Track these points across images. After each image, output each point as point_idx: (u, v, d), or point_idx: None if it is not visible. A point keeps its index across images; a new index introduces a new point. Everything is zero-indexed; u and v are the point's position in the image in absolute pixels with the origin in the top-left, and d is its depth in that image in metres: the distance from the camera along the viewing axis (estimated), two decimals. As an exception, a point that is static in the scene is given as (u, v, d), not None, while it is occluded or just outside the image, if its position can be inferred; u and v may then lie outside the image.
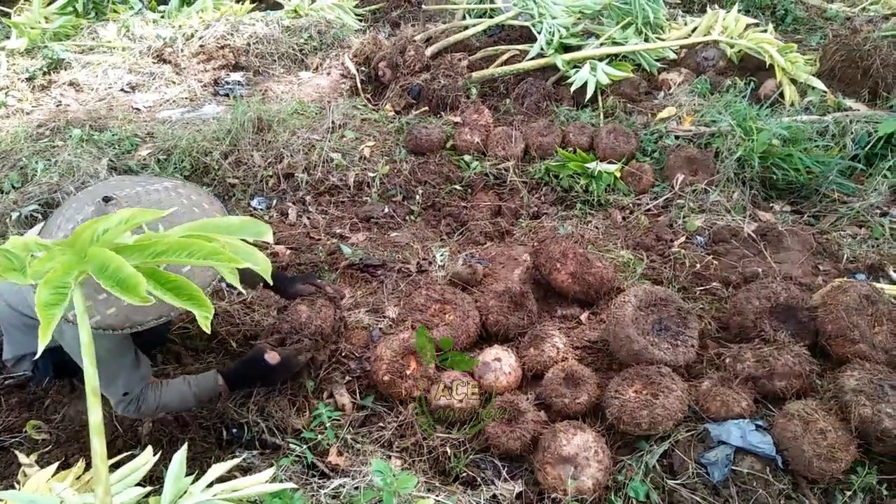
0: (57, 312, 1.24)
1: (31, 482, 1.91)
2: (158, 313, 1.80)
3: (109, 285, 1.26)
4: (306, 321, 2.51)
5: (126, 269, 1.27)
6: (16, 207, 3.35)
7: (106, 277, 1.27)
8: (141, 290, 1.24)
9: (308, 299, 2.60)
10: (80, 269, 1.31)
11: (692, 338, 2.49)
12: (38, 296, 1.23)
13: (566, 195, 3.78)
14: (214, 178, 3.82)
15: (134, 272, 1.26)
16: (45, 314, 1.22)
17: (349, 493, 1.99)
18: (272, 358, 2.31)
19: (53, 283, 1.26)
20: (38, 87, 4.87)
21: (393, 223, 3.63)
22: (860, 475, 2.07)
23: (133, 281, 1.25)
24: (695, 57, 4.75)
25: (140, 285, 1.25)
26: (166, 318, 1.83)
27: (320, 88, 4.84)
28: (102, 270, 1.28)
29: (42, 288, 1.25)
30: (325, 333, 2.55)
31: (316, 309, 2.56)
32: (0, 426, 2.39)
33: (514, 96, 4.56)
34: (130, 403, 2.10)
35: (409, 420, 2.39)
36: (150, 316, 1.80)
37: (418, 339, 2.37)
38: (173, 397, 2.19)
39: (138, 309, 1.77)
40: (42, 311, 1.22)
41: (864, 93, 4.32)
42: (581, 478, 2.11)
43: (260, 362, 2.32)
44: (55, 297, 1.25)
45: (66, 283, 1.27)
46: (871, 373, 2.20)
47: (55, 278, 1.27)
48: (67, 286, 1.27)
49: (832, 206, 3.58)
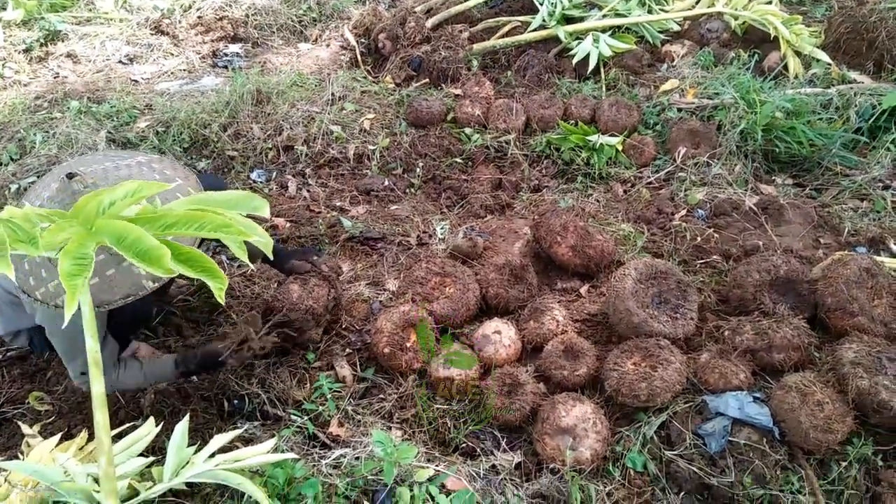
0: (80, 282, 1.24)
1: (35, 452, 1.93)
2: (126, 292, 1.78)
3: (130, 255, 1.26)
4: (297, 301, 2.50)
5: (148, 241, 1.27)
6: (14, 179, 3.34)
7: (125, 248, 1.28)
8: (165, 262, 1.25)
9: (301, 278, 2.59)
10: (97, 241, 1.31)
11: (691, 311, 2.49)
12: (61, 267, 1.24)
13: (567, 168, 3.76)
14: (214, 151, 3.80)
15: (157, 244, 1.27)
16: (70, 284, 1.23)
17: (350, 464, 2.01)
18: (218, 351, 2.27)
19: (73, 254, 1.27)
20: (35, 58, 4.82)
21: (393, 196, 3.62)
22: (856, 446, 2.10)
23: (157, 253, 1.26)
24: (698, 29, 4.69)
25: (164, 257, 1.25)
26: (133, 297, 1.79)
27: (320, 60, 4.79)
28: (120, 241, 1.29)
29: (63, 259, 1.25)
30: (317, 314, 2.54)
31: (308, 289, 2.55)
32: (3, 397, 2.41)
33: (516, 68, 4.51)
34: (86, 382, 2.11)
35: (409, 392, 2.41)
36: (118, 295, 1.78)
37: (419, 332, 2.37)
38: (127, 382, 2.18)
39: (105, 288, 1.76)
40: (66, 281, 1.23)
41: (869, 65, 4.27)
42: (579, 448, 2.13)
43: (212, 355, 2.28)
44: (77, 268, 1.25)
45: (85, 254, 1.28)
46: (870, 345, 2.21)
47: (74, 249, 1.28)
48: (88, 256, 1.27)
49: (834, 180, 3.56)
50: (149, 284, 1.80)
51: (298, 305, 2.49)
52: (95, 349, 1.38)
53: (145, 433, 1.95)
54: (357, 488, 1.93)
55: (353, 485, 1.94)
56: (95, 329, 1.36)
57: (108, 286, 1.77)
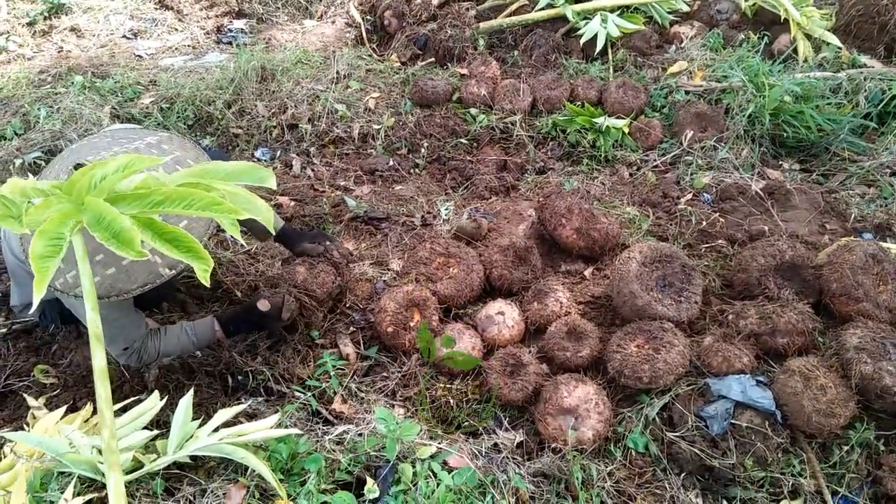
0: (52, 265, 1.20)
1: (40, 424, 1.95)
2: (144, 281, 1.78)
3: (105, 238, 1.23)
4: (301, 283, 2.50)
5: (121, 222, 1.23)
6: (19, 154, 3.33)
7: (101, 229, 1.24)
8: (136, 244, 1.21)
9: (309, 262, 2.59)
10: (76, 220, 1.28)
11: (696, 294, 2.49)
12: (33, 248, 1.21)
13: (573, 150, 3.74)
14: (218, 128, 3.78)
15: (130, 226, 1.23)
16: (40, 266, 1.20)
17: (353, 440, 2.02)
18: (263, 305, 2.33)
19: (49, 235, 1.23)
20: (38, 32, 4.79)
21: (397, 176, 3.61)
22: (858, 430, 2.10)
23: (128, 235, 1.22)
24: (708, 10, 4.63)
25: (135, 240, 1.21)
26: (151, 284, 1.80)
27: (325, 37, 4.75)
28: (98, 222, 1.25)
29: (37, 239, 1.22)
30: (320, 299, 2.55)
31: (314, 273, 2.55)
32: (8, 370, 2.42)
33: (523, 48, 4.47)
34: (132, 356, 2.13)
35: (412, 370, 2.42)
36: (136, 284, 1.78)
37: (420, 336, 2.37)
38: (172, 344, 2.22)
39: (122, 278, 1.76)
40: (36, 262, 1.20)
41: (880, 49, 4.22)
42: (581, 429, 2.14)
43: (253, 310, 2.34)
44: (50, 249, 1.21)
45: (61, 234, 1.24)
46: (874, 331, 2.21)
47: (50, 229, 1.24)
48: (63, 237, 1.24)
49: (842, 165, 3.54)
50: (165, 272, 1.80)
51: (301, 288, 2.49)
52: (96, 322, 1.38)
53: (150, 406, 1.96)
54: (360, 464, 1.94)
55: (356, 460, 1.95)
56: (95, 300, 1.35)
57: (125, 275, 1.77)
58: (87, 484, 1.77)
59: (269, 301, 2.35)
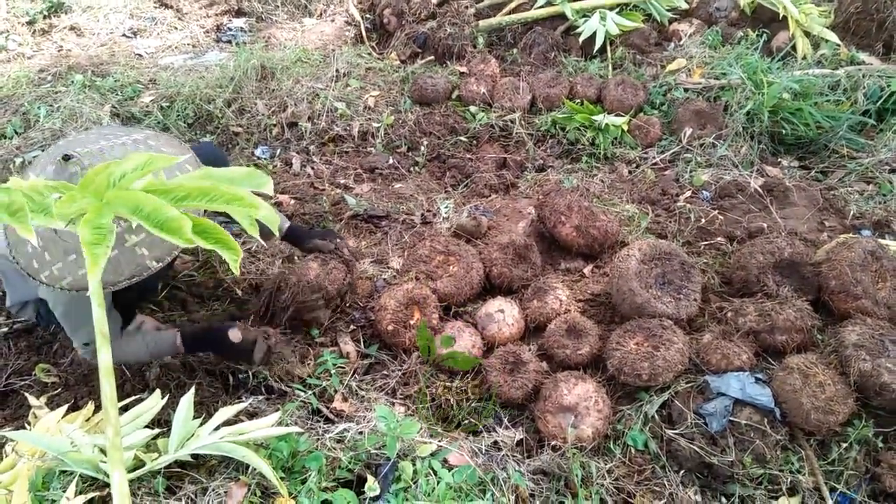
0: (101, 251, 1.25)
1: (42, 423, 1.95)
2: (131, 273, 1.77)
3: (150, 226, 1.27)
4: (314, 279, 2.51)
5: (169, 211, 1.29)
6: (19, 153, 3.34)
7: (143, 218, 1.29)
8: (186, 231, 1.26)
9: (322, 258, 2.59)
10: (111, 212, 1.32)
11: (695, 291, 2.50)
12: (82, 236, 1.25)
13: (572, 148, 3.75)
14: (218, 127, 3.78)
15: (177, 214, 1.28)
16: (92, 253, 1.24)
17: (353, 438, 2.03)
18: (234, 336, 2.23)
19: (93, 224, 1.28)
20: (38, 31, 4.79)
21: (397, 174, 3.61)
22: (857, 428, 2.11)
23: (177, 223, 1.27)
24: (707, 7, 4.63)
25: (185, 227, 1.27)
26: (138, 277, 1.78)
27: (324, 35, 4.75)
28: (137, 212, 1.30)
29: (83, 228, 1.27)
30: (330, 296, 2.56)
31: (327, 270, 2.55)
32: (10, 369, 2.43)
33: (522, 46, 4.47)
34: (89, 352, 2.12)
35: (412, 369, 2.42)
36: (123, 276, 1.77)
37: (419, 334, 2.37)
38: (127, 352, 2.20)
39: (109, 269, 1.75)
40: (89, 249, 1.24)
41: (879, 46, 4.22)
42: (581, 426, 2.14)
43: (221, 337, 2.24)
44: (97, 237, 1.27)
45: (103, 224, 1.29)
46: (873, 328, 2.21)
47: (93, 219, 1.29)
48: (105, 226, 1.29)
49: (841, 162, 3.54)
50: (153, 265, 1.79)
51: (313, 284, 2.50)
52: (102, 320, 1.39)
53: (151, 405, 1.97)
54: (360, 462, 1.95)
55: (357, 458, 1.96)
56: (103, 299, 1.36)
57: (112, 267, 1.76)
58: (88, 483, 1.77)
59: (242, 334, 2.24)
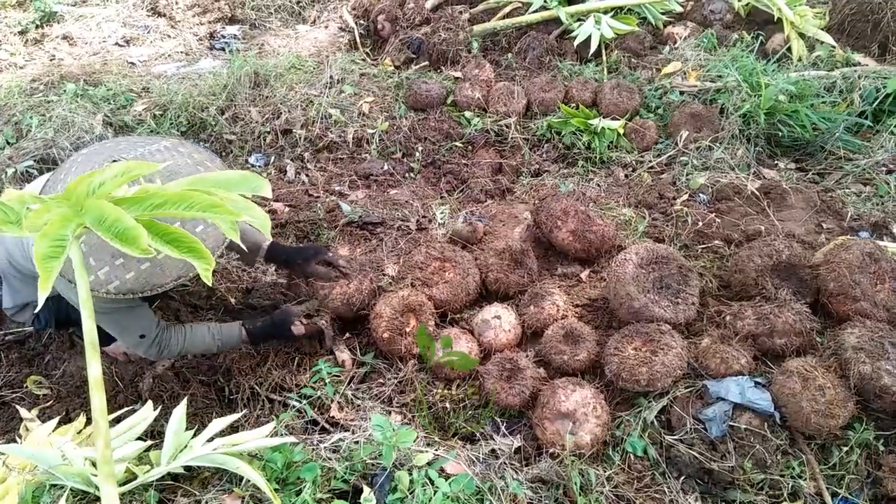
0: (55, 265, 1.24)
1: (33, 436, 1.93)
2: (178, 274, 1.81)
3: (109, 237, 1.26)
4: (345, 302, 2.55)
5: (126, 221, 1.26)
6: (11, 163, 3.31)
7: (104, 229, 1.27)
8: (142, 241, 1.24)
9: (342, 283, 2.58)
10: (77, 222, 1.30)
11: (693, 295, 2.48)
12: (36, 248, 1.24)
13: (568, 152, 3.73)
14: (211, 134, 3.76)
15: (134, 224, 1.26)
16: (44, 266, 1.23)
17: (349, 447, 2.00)
18: (297, 329, 2.37)
19: (51, 236, 1.26)
20: (30, 40, 4.77)
21: (392, 180, 3.59)
22: (857, 431, 2.09)
23: (133, 233, 1.25)
24: (701, 10, 4.64)
25: (141, 237, 1.25)
26: (184, 278, 1.83)
27: (318, 42, 4.74)
28: (100, 222, 1.28)
29: (39, 240, 1.25)
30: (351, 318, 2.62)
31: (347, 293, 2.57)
32: (1, 381, 2.40)
33: (517, 50, 4.46)
34: (152, 346, 2.13)
35: (408, 377, 2.40)
36: (169, 278, 1.81)
37: (419, 338, 2.36)
38: (197, 342, 2.25)
39: (157, 272, 1.79)
40: (41, 263, 1.23)
41: (874, 47, 4.23)
42: (579, 433, 2.12)
43: (285, 329, 2.37)
44: (53, 250, 1.25)
45: (63, 236, 1.27)
46: (872, 330, 2.20)
47: (52, 231, 1.27)
48: (65, 239, 1.27)
49: (837, 164, 3.53)
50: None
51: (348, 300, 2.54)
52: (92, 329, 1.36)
53: (144, 417, 1.94)
54: (356, 472, 1.92)
55: (352, 469, 1.93)
56: (91, 307, 1.35)
57: (160, 269, 1.79)
58: (79, 496, 1.75)
59: (305, 328, 2.39)
